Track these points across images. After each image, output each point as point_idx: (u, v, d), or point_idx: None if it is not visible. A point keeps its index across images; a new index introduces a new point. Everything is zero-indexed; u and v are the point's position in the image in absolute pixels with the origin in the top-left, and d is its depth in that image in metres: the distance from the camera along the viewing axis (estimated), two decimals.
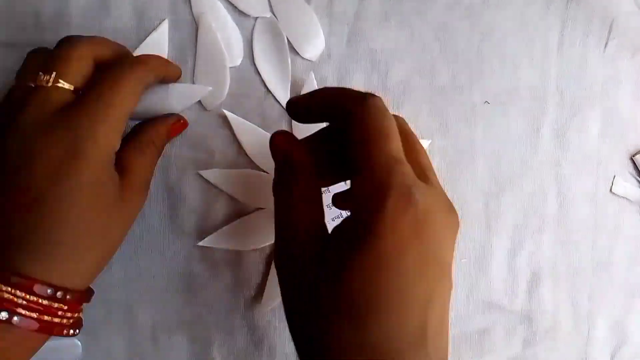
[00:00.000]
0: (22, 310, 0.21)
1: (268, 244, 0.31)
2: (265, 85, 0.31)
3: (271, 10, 0.31)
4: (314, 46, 0.32)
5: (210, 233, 0.31)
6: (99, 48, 0.26)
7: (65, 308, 0.23)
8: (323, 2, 0.32)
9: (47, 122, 0.23)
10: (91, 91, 0.24)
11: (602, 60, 0.34)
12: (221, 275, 0.31)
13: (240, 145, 0.31)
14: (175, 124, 0.29)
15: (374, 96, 0.22)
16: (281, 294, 0.23)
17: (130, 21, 0.30)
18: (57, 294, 0.22)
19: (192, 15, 0.31)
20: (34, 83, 0.24)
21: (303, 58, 0.32)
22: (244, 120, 0.31)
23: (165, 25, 0.30)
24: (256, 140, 0.31)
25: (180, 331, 0.31)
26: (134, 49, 0.30)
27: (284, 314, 0.23)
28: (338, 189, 0.29)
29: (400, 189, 0.20)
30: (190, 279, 0.31)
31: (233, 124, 0.31)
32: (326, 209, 0.25)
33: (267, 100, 0.31)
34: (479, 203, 0.33)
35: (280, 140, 0.24)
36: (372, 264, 0.20)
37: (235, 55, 0.31)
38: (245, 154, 0.31)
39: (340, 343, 0.20)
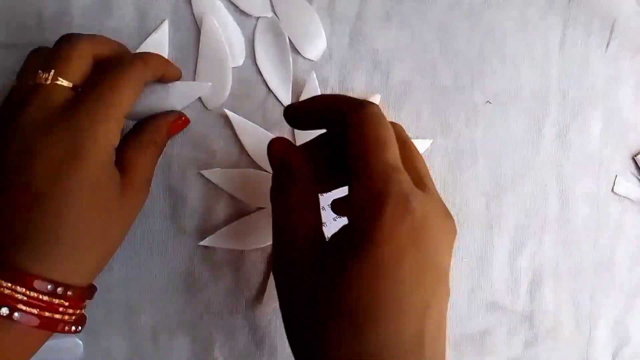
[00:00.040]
0: (23, 306, 0.21)
1: (269, 243, 0.31)
2: (266, 85, 0.31)
3: (273, 10, 0.31)
4: (316, 46, 0.32)
5: (212, 233, 0.31)
6: (98, 46, 0.26)
7: (67, 304, 0.23)
8: (324, 2, 0.32)
9: (47, 122, 0.23)
10: (90, 90, 0.24)
11: (604, 60, 0.34)
12: (222, 275, 0.31)
13: (241, 145, 0.31)
14: (175, 121, 0.29)
15: (371, 104, 0.22)
16: (279, 300, 0.23)
17: (131, 21, 0.30)
18: (58, 290, 0.22)
19: (193, 15, 0.31)
20: (33, 82, 0.24)
21: (305, 58, 0.32)
22: (246, 120, 0.31)
23: (165, 26, 0.30)
24: (257, 140, 0.31)
25: (181, 331, 0.31)
26: (135, 49, 0.30)
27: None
28: (337, 195, 0.29)
29: (397, 197, 0.20)
30: (191, 279, 0.31)
31: (234, 124, 0.31)
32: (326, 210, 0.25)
33: (269, 100, 0.31)
34: (480, 203, 0.33)
35: (278, 146, 0.24)
36: (370, 272, 0.20)
37: (237, 55, 0.31)
38: (247, 153, 0.31)
39: (338, 349, 0.20)
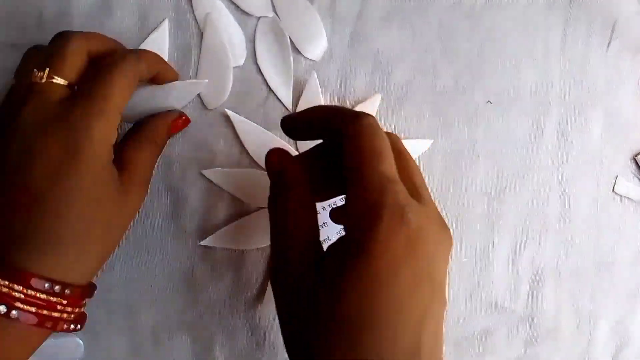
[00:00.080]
0: (20, 304, 0.21)
1: (270, 243, 0.31)
2: (267, 85, 0.31)
3: (274, 9, 0.31)
4: (317, 46, 0.32)
5: (212, 232, 0.31)
6: (93, 42, 0.26)
7: (65, 303, 0.23)
8: (326, 2, 0.32)
9: (44, 121, 0.23)
10: (85, 87, 0.24)
11: (605, 60, 0.34)
12: (223, 274, 0.31)
13: (242, 144, 0.31)
14: (175, 120, 0.29)
15: (366, 115, 0.22)
16: (277, 309, 0.23)
17: (132, 22, 0.30)
18: (55, 289, 0.22)
19: (194, 15, 0.31)
20: (29, 81, 0.24)
21: (305, 58, 0.32)
22: (247, 119, 0.31)
23: (165, 25, 0.30)
24: (258, 140, 0.31)
25: (182, 331, 0.31)
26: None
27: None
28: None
29: (393, 208, 0.20)
30: (192, 279, 0.31)
31: (235, 124, 0.31)
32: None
33: (270, 100, 0.31)
34: (481, 203, 0.33)
35: (275, 158, 0.24)
36: (367, 284, 0.20)
37: (238, 55, 0.31)
38: (248, 153, 0.31)
39: (334, 359, 0.20)
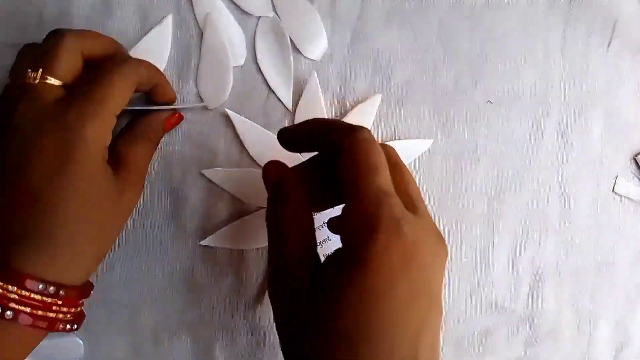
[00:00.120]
0: (15, 304, 0.21)
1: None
2: (267, 85, 0.31)
3: (274, 9, 0.31)
4: (317, 46, 0.32)
5: (212, 232, 0.31)
6: (88, 41, 0.25)
7: (60, 303, 0.23)
8: (326, 2, 0.32)
9: (39, 121, 0.23)
10: (80, 87, 0.24)
11: (605, 60, 0.34)
12: (223, 274, 0.31)
13: (242, 144, 0.31)
14: (170, 117, 0.29)
15: (362, 129, 0.23)
16: (274, 319, 0.23)
17: (133, 22, 0.30)
18: (50, 289, 0.22)
19: (195, 15, 0.31)
20: (22, 81, 0.24)
21: (306, 58, 0.32)
22: (247, 119, 0.31)
23: (169, 20, 0.30)
24: (259, 140, 0.31)
25: (182, 331, 0.31)
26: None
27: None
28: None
29: (388, 221, 0.21)
30: (192, 279, 0.31)
31: (236, 124, 0.31)
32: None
33: (270, 100, 0.31)
34: (481, 203, 0.33)
35: (272, 170, 0.25)
36: (363, 296, 0.20)
37: (238, 55, 0.31)
38: (248, 153, 0.31)
39: None
